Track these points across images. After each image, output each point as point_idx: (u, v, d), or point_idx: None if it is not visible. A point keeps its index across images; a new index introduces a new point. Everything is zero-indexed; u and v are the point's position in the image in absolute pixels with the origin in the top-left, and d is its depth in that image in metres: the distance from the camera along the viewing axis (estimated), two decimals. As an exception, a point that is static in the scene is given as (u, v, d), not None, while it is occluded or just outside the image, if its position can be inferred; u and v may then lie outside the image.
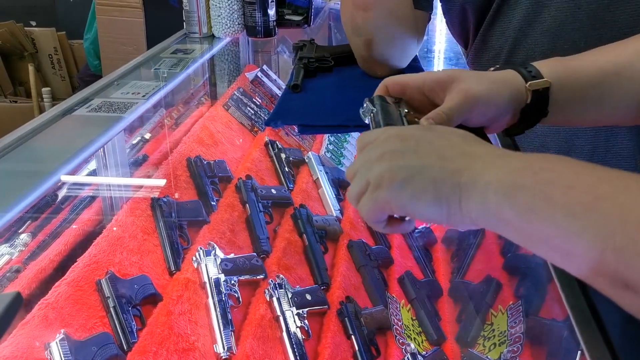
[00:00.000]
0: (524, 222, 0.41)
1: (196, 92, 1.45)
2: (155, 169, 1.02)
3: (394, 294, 1.01)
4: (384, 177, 0.48)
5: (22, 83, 3.52)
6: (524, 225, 0.41)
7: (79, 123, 0.94)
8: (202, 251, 0.86)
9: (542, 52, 0.87)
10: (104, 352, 0.67)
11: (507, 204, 0.42)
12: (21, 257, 0.84)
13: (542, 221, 0.40)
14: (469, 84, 0.59)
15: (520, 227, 0.42)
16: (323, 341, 0.85)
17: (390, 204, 0.49)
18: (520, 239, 0.43)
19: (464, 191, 0.45)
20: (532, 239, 0.42)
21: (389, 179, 0.48)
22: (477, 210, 0.44)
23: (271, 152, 1.21)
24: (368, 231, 1.18)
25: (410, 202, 0.47)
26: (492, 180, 0.43)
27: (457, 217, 0.46)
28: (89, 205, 0.95)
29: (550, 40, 0.87)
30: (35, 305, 0.68)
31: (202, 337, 0.76)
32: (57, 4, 3.95)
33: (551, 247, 0.40)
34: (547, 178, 0.41)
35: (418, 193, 0.47)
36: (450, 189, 0.45)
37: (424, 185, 0.47)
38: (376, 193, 0.49)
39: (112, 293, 0.74)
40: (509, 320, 0.89)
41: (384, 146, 0.51)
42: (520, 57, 0.90)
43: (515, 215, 0.42)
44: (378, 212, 0.51)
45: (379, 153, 0.50)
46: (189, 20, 1.54)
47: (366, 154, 0.52)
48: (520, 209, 0.41)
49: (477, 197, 0.44)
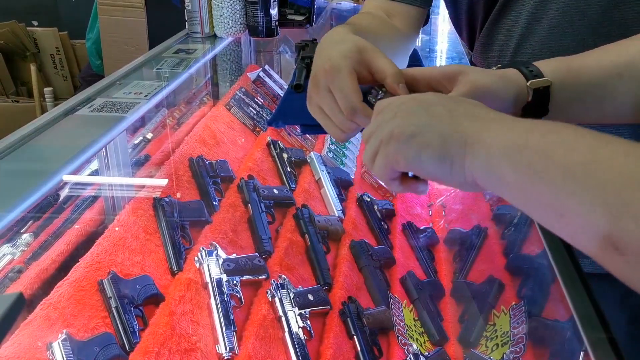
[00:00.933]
0: (524, 181, 0.42)
1: (198, 92, 1.45)
2: (158, 168, 1.02)
3: (396, 294, 1.01)
4: (393, 132, 0.51)
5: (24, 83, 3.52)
6: (523, 185, 0.42)
7: (81, 123, 0.94)
8: (204, 251, 0.85)
9: (549, 48, 0.87)
10: (106, 353, 0.67)
11: (509, 162, 0.43)
12: (23, 257, 0.84)
13: (541, 180, 0.40)
14: (476, 76, 0.61)
15: (520, 187, 0.42)
16: (325, 341, 0.85)
17: (398, 158, 0.51)
18: (519, 200, 0.44)
19: (469, 148, 0.46)
20: (530, 200, 0.42)
21: (398, 133, 0.50)
22: (480, 168, 0.45)
23: (273, 152, 1.21)
24: (370, 231, 1.18)
25: (416, 156, 0.49)
26: (498, 140, 0.44)
27: (460, 175, 0.47)
28: (91, 205, 0.95)
29: (558, 37, 0.86)
30: (38, 305, 0.68)
31: (204, 337, 0.76)
32: (59, 4, 3.95)
33: (547, 208, 0.41)
34: (552, 140, 0.42)
35: (424, 147, 0.48)
36: (456, 146, 0.47)
37: (430, 140, 0.48)
38: (387, 148, 0.51)
39: (114, 293, 0.74)
40: (512, 320, 0.88)
41: (398, 107, 0.53)
42: (526, 53, 0.90)
43: (515, 174, 0.42)
44: (389, 168, 0.53)
45: (393, 113, 0.52)
46: (191, 20, 1.54)
47: (381, 116, 0.54)
48: (521, 168, 0.42)
49: (482, 156, 0.45)
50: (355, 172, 1.35)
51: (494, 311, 0.94)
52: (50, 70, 3.59)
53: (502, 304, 0.94)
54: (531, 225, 0.90)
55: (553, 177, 0.39)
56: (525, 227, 0.97)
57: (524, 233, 0.99)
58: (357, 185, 1.29)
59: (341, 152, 1.36)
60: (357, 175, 1.34)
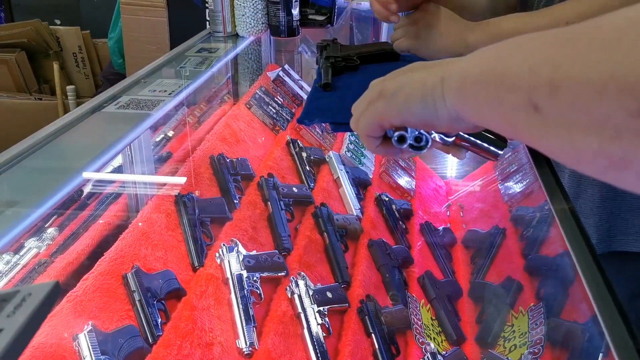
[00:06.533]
0: (493, 88, 0.40)
1: (219, 91, 1.47)
2: (179, 166, 1.03)
3: (414, 293, 1.02)
4: (381, 91, 0.54)
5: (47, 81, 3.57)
6: (493, 93, 0.40)
7: (108, 120, 0.96)
8: (225, 247, 0.87)
9: None
10: (131, 344, 0.68)
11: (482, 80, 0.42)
12: (49, 251, 0.86)
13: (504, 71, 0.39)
14: None
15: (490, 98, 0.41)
16: (343, 339, 0.86)
17: (386, 114, 0.54)
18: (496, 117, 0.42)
19: (445, 81, 0.48)
20: (504, 107, 0.39)
21: (385, 91, 0.54)
22: (456, 95, 0.47)
23: (292, 150, 1.22)
24: (388, 231, 1.18)
25: (404, 107, 0.52)
26: (469, 64, 0.45)
27: (443, 111, 0.49)
28: (115, 200, 0.97)
29: None
30: (64, 297, 0.70)
31: (225, 332, 0.77)
32: (81, 4, 4.01)
33: (524, 106, 0.37)
34: (510, 43, 0.41)
35: (409, 96, 0.51)
36: (434, 86, 0.49)
37: (413, 88, 0.51)
38: (374, 105, 0.55)
39: (137, 287, 0.75)
40: (530, 321, 0.88)
41: (386, 77, 0.56)
42: None
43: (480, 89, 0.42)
44: (376, 125, 0.56)
45: (381, 80, 0.56)
46: (213, 20, 1.56)
47: (370, 87, 0.57)
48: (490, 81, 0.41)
49: (455, 82, 0.46)
50: (374, 171, 1.36)
51: (512, 312, 0.94)
52: (72, 69, 3.64)
53: (520, 304, 0.94)
54: (551, 226, 0.90)
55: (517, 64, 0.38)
56: (545, 228, 0.97)
57: (543, 234, 0.99)
58: (376, 184, 1.30)
59: (360, 151, 1.37)
60: (375, 174, 1.35)
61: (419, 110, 0.51)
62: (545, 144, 0.37)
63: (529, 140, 0.39)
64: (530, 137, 0.38)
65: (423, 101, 0.50)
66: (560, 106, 0.33)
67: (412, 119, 0.53)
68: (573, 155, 0.34)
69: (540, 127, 0.36)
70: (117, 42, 3.05)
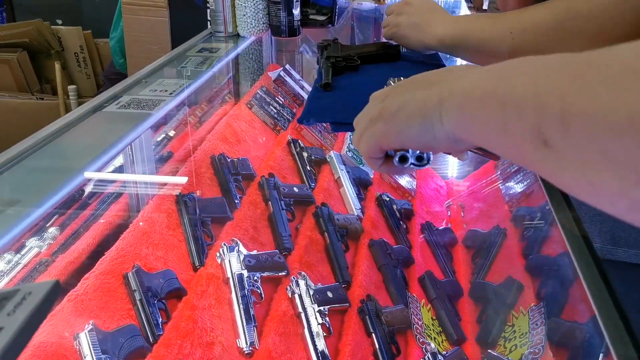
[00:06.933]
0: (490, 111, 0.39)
1: (220, 90, 1.47)
2: (180, 165, 1.03)
3: (415, 293, 1.02)
4: (381, 112, 0.52)
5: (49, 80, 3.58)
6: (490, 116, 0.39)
7: (109, 119, 0.96)
8: (225, 247, 0.87)
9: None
10: (131, 344, 0.68)
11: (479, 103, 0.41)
12: (50, 250, 0.86)
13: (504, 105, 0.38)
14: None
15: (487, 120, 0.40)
16: (344, 339, 0.86)
17: (387, 135, 0.52)
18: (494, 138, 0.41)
19: (444, 102, 0.46)
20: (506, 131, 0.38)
21: (384, 112, 0.52)
22: (455, 118, 0.45)
23: (293, 150, 1.22)
24: (389, 231, 1.18)
25: (402, 130, 0.50)
26: (468, 85, 0.44)
27: (442, 133, 0.47)
28: (116, 200, 0.97)
29: None
30: (65, 297, 0.70)
31: (225, 331, 0.78)
32: (83, 4, 4.02)
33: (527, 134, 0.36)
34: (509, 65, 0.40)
35: (408, 119, 0.50)
36: (434, 105, 0.47)
37: (413, 110, 0.49)
38: (375, 127, 0.53)
39: (138, 286, 0.75)
40: (531, 322, 0.88)
41: (389, 91, 0.55)
42: None
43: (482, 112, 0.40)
44: (377, 147, 0.54)
45: (384, 96, 0.54)
46: (214, 20, 1.56)
47: (372, 102, 0.56)
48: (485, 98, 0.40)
49: (455, 105, 0.45)
50: (374, 171, 1.36)
51: (513, 312, 0.94)
52: (74, 69, 3.65)
53: (521, 305, 0.94)
54: (551, 226, 0.90)
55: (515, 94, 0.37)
56: (545, 228, 0.97)
57: (543, 234, 0.99)
58: (376, 184, 1.30)
59: (361, 151, 1.37)
60: (376, 174, 1.35)
61: (417, 134, 0.50)
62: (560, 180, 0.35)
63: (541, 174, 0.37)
64: (542, 171, 0.36)
65: (422, 124, 0.48)
66: (573, 143, 0.31)
67: (411, 142, 0.52)
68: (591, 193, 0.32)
69: (552, 161, 0.34)
70: (119, 42, 3.06)
